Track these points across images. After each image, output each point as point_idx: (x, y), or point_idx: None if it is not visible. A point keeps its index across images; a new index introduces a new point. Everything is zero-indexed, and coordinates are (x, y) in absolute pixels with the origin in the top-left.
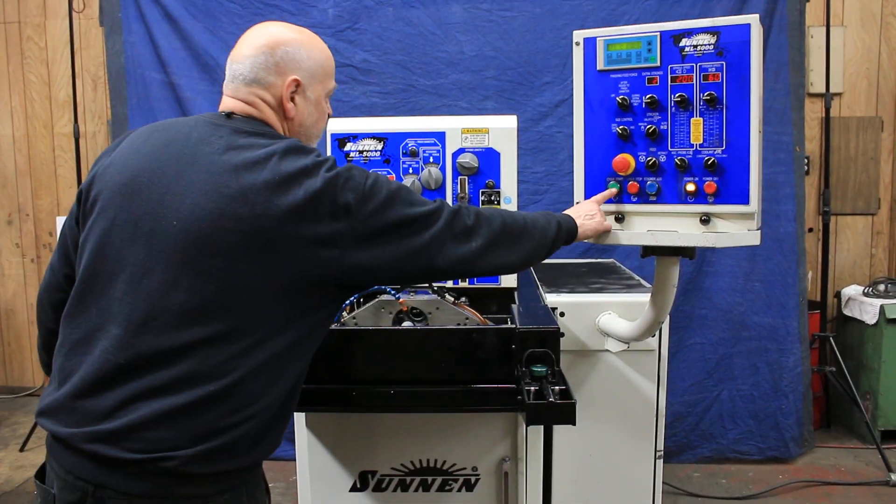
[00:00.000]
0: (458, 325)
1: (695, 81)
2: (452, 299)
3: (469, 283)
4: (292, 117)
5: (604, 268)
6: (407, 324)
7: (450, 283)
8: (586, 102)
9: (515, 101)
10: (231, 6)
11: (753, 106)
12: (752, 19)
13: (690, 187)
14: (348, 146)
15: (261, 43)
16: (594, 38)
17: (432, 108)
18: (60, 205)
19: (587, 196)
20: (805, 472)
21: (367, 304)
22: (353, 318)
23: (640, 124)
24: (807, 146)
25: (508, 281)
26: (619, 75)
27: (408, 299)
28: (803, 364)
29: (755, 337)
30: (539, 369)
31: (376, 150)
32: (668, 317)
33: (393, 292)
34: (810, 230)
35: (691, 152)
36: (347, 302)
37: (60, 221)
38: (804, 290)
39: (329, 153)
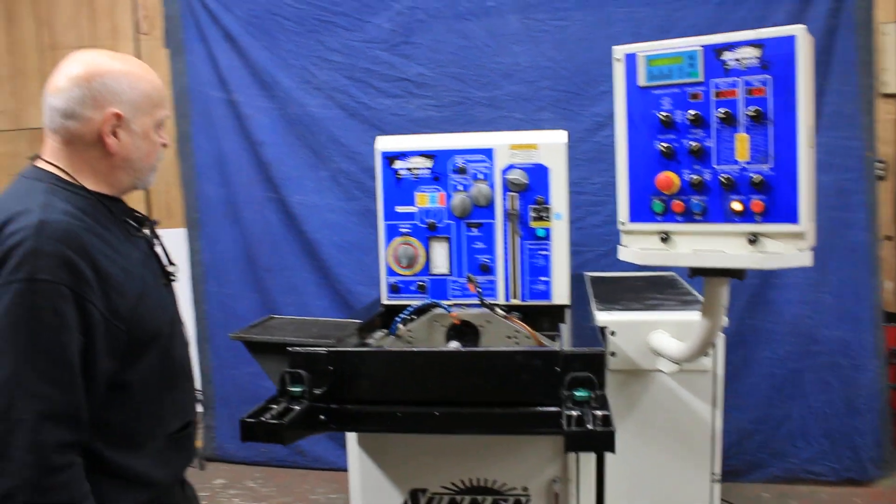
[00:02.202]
0: (509, 337)
1: (739, 96)
2: (504, 313)
3: (521, 300)
4: (115, 153)
5: (662, 282)
6: (454, 343)
7: (501, 299)
8: (629, 119)
9: (571, 112)
10: (288, 24)
11: (801, 120)
12: (798, 30)
13: (737, 206)
14: (398, 164)
15: (75, 74)
16: (634, 55)
17: (487, 120)
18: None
19: (632, 216)
20: (886, 496)
21: (421, 318)
22: (409, 331)
23: (683, 141)
24: (882, 150)
25: (560, 297)
26: (662, 91)
27: (459, 313)
28: (881, 380)
29: (826, 352)
30: (582, 394)
31: (426, 168)
32: (726, 335)
33: (446, 306)
34: (888, 238)
35: (737, 170)
36: (402, 316)
37: None
38: (879, 302)
39: (379, 172)
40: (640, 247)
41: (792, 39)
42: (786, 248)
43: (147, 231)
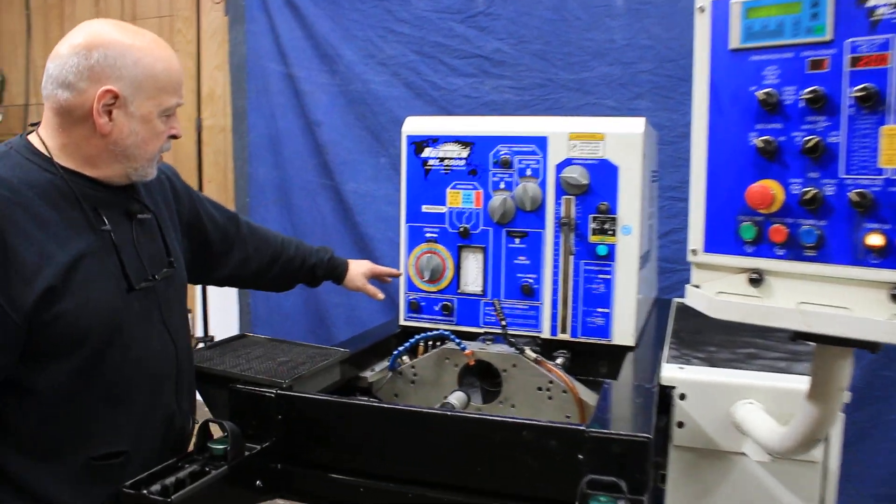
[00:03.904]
0: (540, 390)
1: (892, 63)
2: (535, 355)
3: (571, 336)
4: (105, 134)
5: None
6: (456, 395)
7: (546, 332)
8: (712, 99)
9: (675, 101)
10: None
11: None
12: None
13: (875, 240)
14: (427, 152)
15: (77, 42)
16: (726, 1)
17: (574, 106)
18: None
19: (709, 243)
20: None
21: (430, 353)
22: (412, 366)
23: (793, 134)
24: None
25: (623, 336)
26: (764, 56)
27: (478, 351)
28: None
29: None
30: (604, 501)
31: (461, 158)
32: (844, 415)
33: (458, 341)
34: None
35: (880, 182)
36: (408, 344)
37: None
38: None
39: (404, 161)
40: (717, 290)
41: None
42: None
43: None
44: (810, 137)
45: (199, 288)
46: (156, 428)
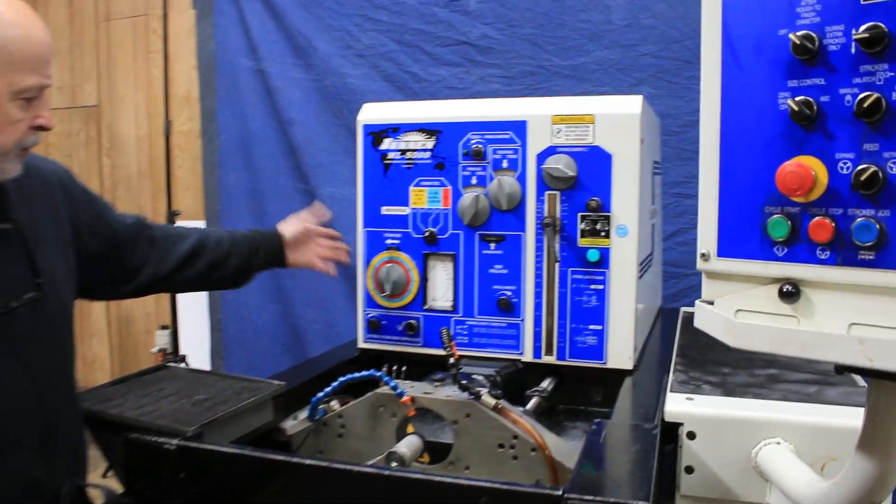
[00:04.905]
0: (501, 447)
1: None
2: (494, 401)
3: (557, 359)
4: None
5: None
6: (408, 442)
7: (528, 355)
8: (726, 49)
9: (681, 87)
10: None
11: None
12: None
13: None
14: (386, 143)
15: None
16: None
17: (569, 95)
18: (175, 208)
19: (724, 244)
20: None
21: (361, 399)
22: (339, 416)
23: (842, 91)
24: None
25: (619, 358)
26: None
27: (420, 397)
28: None
29: None
30: None
31: (425, 150)
32: None
33: (393, 384)
34: None
35: None
36: (329, 389)
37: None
38: None
39: (360, 155)
40: (736, 307)
41: None
42: None
43: None
44: (867, 94)
45: (168, 304)
46: (10, 501)
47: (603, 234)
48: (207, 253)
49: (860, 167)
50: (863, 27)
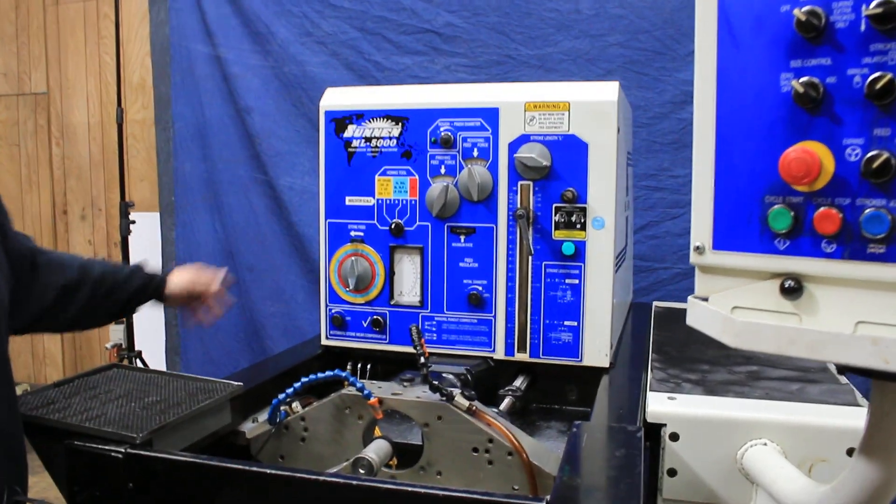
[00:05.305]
0: (476, 451)
1: None
2: (468, 403)
3: (531, 356)
4: None
5: None
6: (376, 447)
7: (500, 353)
8: (723, 26)
9: (650, 78)
10: None
11: None
12: None
13: None
14: (350, 130)
15: None
16: None
17: None
18: (129, 199)
19: (720, 236)
20: None
21: (324, 401)
22: (302, 419)
23: (850, 72)
24: None
25: (595, 355)
26: None
27: (389, 399)
28: None
29: None
30: None
31: (391, 138)
32: None
33: (360, 385)
34: None
35: None
36: (291, 390)
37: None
38: None
39: (322, 143)
40: (734, 304)
41: None
42: None
43: None
44: (879, 75)
45: None
46: None
47: (578, 226)
48: (90, 285)
49: (871, 154)
50: (874, 2)
